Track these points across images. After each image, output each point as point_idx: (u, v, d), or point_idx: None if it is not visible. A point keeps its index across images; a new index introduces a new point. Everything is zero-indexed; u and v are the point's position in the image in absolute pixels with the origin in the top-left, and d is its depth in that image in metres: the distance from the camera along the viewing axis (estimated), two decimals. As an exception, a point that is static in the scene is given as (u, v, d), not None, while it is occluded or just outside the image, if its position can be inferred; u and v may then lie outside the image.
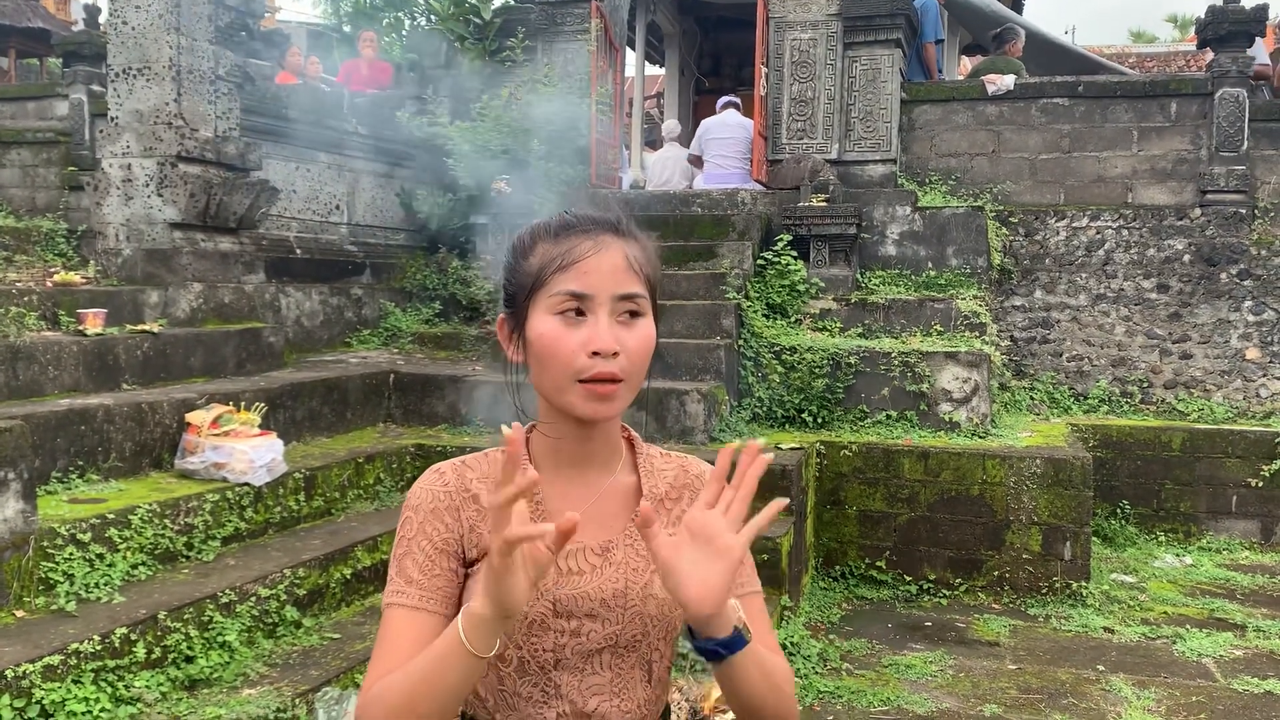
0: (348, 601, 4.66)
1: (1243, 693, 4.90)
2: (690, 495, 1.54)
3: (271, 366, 6.33)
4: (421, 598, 1.40)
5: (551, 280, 1.39)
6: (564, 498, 1.47)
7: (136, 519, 4.12)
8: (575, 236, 1.41)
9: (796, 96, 8.82)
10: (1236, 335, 8.37)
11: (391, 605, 1.41)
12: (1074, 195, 8.90)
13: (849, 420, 6.98)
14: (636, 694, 1.46)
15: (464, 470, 1.48)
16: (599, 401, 1.38)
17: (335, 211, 8.50)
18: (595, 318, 1.37)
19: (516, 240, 1.48)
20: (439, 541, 1.42)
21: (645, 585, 1.44)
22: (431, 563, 1.41)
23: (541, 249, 1.42)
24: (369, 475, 5.61)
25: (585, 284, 1.37)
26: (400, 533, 1.45)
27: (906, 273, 8.22)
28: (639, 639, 1.44)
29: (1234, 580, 6.75)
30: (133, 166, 6.08)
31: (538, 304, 1.40)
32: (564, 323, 1.37)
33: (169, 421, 4.92)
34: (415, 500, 1.46)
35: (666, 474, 1.56)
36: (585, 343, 1.36)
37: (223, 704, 3.57)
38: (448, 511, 1.44)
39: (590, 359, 1.36)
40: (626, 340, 1.38)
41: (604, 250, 1.39)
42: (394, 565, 1.44)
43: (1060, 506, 6.20)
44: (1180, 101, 8.67)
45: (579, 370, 1.36)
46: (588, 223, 1.43)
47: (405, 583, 1.41)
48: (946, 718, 4.60)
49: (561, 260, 1.39)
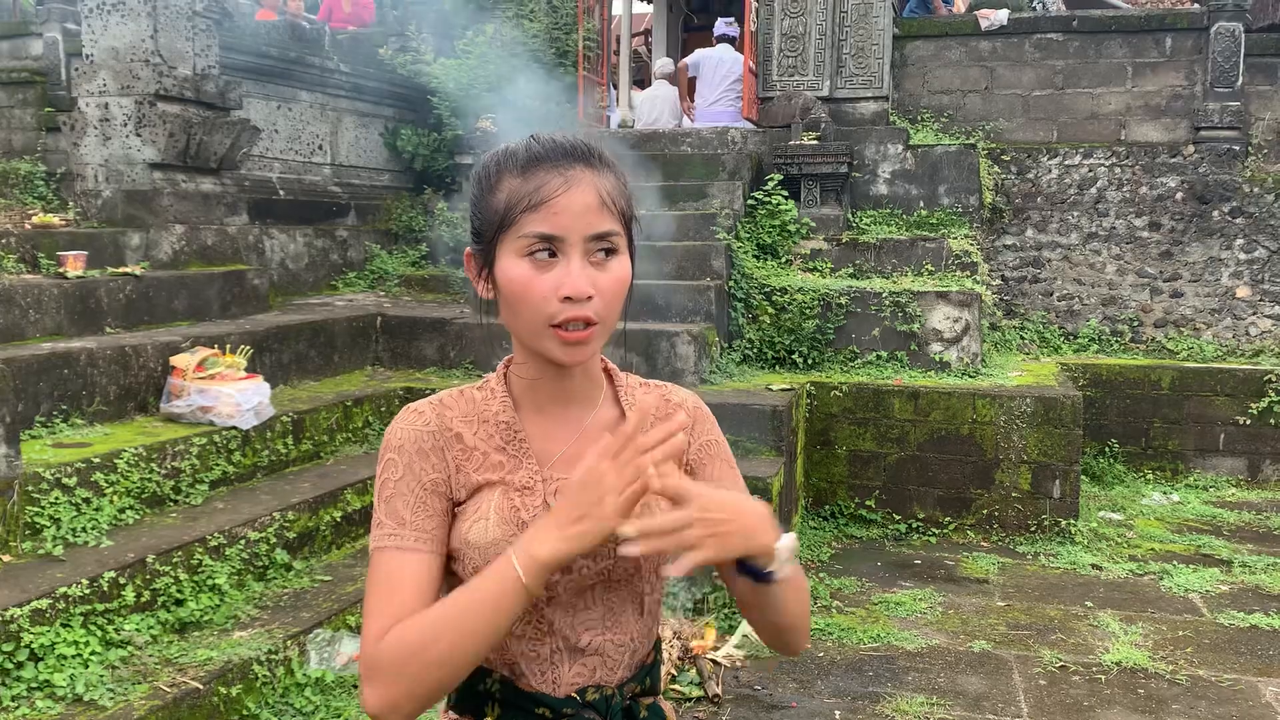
0: (338, 544, 4.65)
1: (1229, 627, 4.95)
2: None
3: (256, 309, 6.26)
4: (418, 539, 1.36)
5: (520, 220, 1.31)
6: (547, 436, 1.43)
7: (123, 463, 4.09)
8: (544, 171, 1.32)
9: (787, 32, 8.67)
10: (1227, 273, 8.35)
11: (384, 549, 1.36)
12: (1067, 133, 8.81)
13: (839, 361, 6.96)
14: (629, 626, 1.44)
15: (443, 409, 1.43)
16: (573, 347, 1.33)
17: (318, 152, 8.36)
18: (567, 260, 1.31)
19: (481, 170, 1.40)
20: (428, 482, 1.38)
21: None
22: (422, 503, 1.37)
23: (508, 184, 1.34)
24: (357, 418, 5.58)
25: (556, 225, 1.30)
26: (384, 474, 1.40)
27: (898, 212, 8.15)
28: (631, 573, 1.42)
29: (1221, 517, 6.80)
30: (110, 106, 5.94)
31: (505, 244, 1.33)
32: (534, 265, 1.31)
33: (153, 365, 4.86)
34: (398, 440, 1.40)
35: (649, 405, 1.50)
36: (557, 287, 1.30)
37: (214, 646, 3.57)
38: (433, 452, 1.39)
39: (563, 304, 1.30)
40: (600, 281, 1.32)
41: (574, 187, 1.31)
42: (381, 507, 1.39)
43: (1049, 445, 6.21)
44: (1175, 36, 8.56)
45: (551, 315, 1.31)
46: (557, 154, 1.34)
47: (397, 524, 1.36)
48: (936, 654, 4.63)
49: (529, 199, 1.31)
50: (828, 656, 4.57)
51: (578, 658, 1.41)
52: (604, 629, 1.41)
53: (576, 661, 1.41)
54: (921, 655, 4.62)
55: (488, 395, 1.45)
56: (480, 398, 1.45)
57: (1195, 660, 4.57)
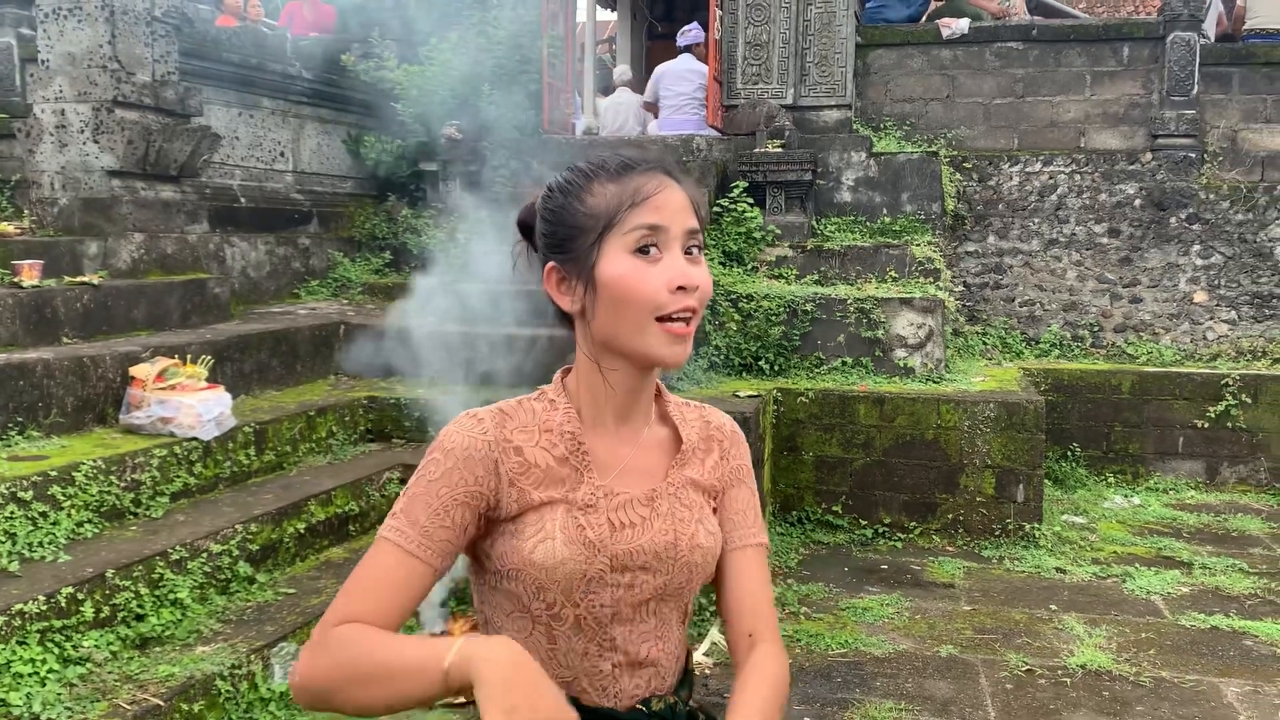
0: (302, 556, 4.59)
1: (1190, 628, 5.01)
2: (718, 446, 1.58)
3: (218, 319, 6.18)
4: (420, 545, 1.35)
5: (625, 217, 1.37)
6: (607, 449, 1.46)
7: (81, 476, 4.01)
8: (639, 175, 1.40)
9: (751, 40, 8.70)
10: (1185, 279, 8.47)
11: (387, 540, 1.36)
12: (1027, 140, 8.90)
13: (805, 367, 6.98)
14: (675, 635, 1.51)
15: (503, 419, 1.44)
16: (679, 343, 1.38)
17: (280, 159, 8.28)
18: (670, 253, 1.37)
19: (560, 184, 1.44)
20: (461, 492, 1.37)
21: (692, 535, 1.47)
22: (444, 512, 1.37)
23: (603, 189, 1.39)
24: (321, 428, 5.52)
25: (661, 216, 1.37)
26: (422, 470, 1.40)
27: (862, 219, 8.19)
28: (684, 586, 1.47)
29: (1180, 519, 6.89)
30: (66, 112, 5.84)
31: (610, 243, 1.37)
32: (642, 259, 1.36)
33: (112, 375, 4.78)
34: (450, 443, 1.40)
35: (694, 425, 1.58)
36: (667, 278, 1.35)
37: (176, 661, 3.51)
38: (482, 463, 1.39)
39: (673, 294, 1.35)
40: (698, 277, 1.38)
41: (668, 188, 1.39)
42: (404, 499, 1.39)
43: (1013, 449, 6.26)
44: (1132, 45, 8.68)
45: (661, 306, 1.35)
46: (644, 163, 1.42)
47: (408, 523, 1.36)
48: (904, 659, 4.65)
49: (634, 197, 1.37)
50: (796, 663, 4.57)
51: (636, 670, 1.45)
52: (657, 640, 1.47)
53: (635, 674, 1.45)
54: (889, 661, 4.63)
55: (548, 406, 1.47)
56: (540, 409, 1.47)
57: (1158, 662, 4.62)
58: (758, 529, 1.59)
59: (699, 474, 1.53)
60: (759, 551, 1.57)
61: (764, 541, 1.59)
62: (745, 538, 1.57)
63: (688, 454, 1.53)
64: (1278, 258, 8.33)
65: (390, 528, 1.37)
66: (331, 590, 4.25)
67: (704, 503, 1.52)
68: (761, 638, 1.54)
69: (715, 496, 1.56)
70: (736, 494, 1.58)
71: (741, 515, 1.58)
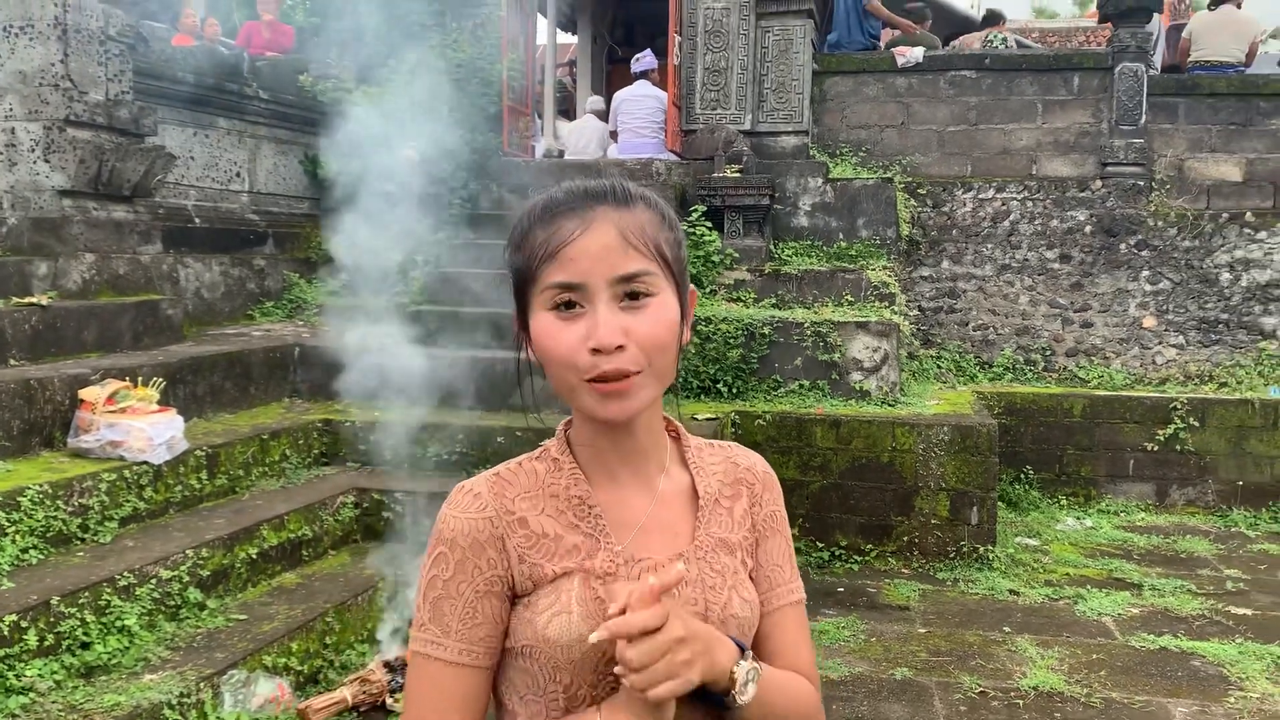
0: (254, 582, 4.53)
1: (1140, 649, 5.08)
2: (747, 491, 1.43)
3: (170, 340, 6.10)
4: (462, 651, 1.25)
5: (540, 272, 1.23)
6: (622, 505, 1.32)
7: (26, 500, 3.93)
8: (561, 217, 1.24)
9: (710, 66, 8.78)
10: (1134, 304, 8.64)
11: (427, 657, 1.26)
12: (981, 167, 9.05)
13: (763, 390, 7.02)
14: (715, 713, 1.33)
15: (502, 487, 1.31)
16: (612, 401, 1.22)
17: (235, 179, 8.21)
18: (593, 308, 1.21)
19: (512, 229, 1.31)
20: (481, 583, 1.26)
21: (725, 605, 1.32)
22: (473, 610, 1.26)
23: (531, 236, 1.25)
24: (274, 452, 5.46)
25: (574, 272, 1.21)
26: (432, 570, 1.27)
27: (818, 243, 8.28)
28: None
29: (1131, 541, 6.99)
30: (16, 131, 5.77)
31: (534, 299, 1.25)
32: (559, 318, 1.22)
33: (60, 398, 4.70)
34: (450, 532, 1.27)
35: (716, 470, 1.42)
36: (584, 339, 1.20)
37: (122, 690, 3.44)
38: (490, 544, 1.26)
39: (592, 357, 1.19)
40: (635, 327, 1.21)
41: (592, 228, 1.22)
42: (427, 607, 1.27)
43: (967, 472, 6.33)
44: (1082, 75, 8.87)
45: (583, 370, 1.20)
46: (576, 197, 1.26)
47: (442, 632, 1.25)
48: (859, 682, 4.67)
49: (546, 248, 1.22)
50: (753, 687, 4.56)
51: None
52: None
53: None
54: (845, 684, 4.65)
55: (551, 466, 1.33)
56: (543, 470, 1.33)
57: (1109, 683, 4.68)
58: (795, 584, 1.44)
59: (729, 531, 1.37)
60: (797, 610, 1.43)
61: (801, 597, 1.44)
62: (783, 596, 1.42)
63: (708, 507, 1.37)
64: (1223, 284, 8.52)
65: (422, 640, 1.27)
66: (283, 616, 4.20)
67: (737, 566, 1.36)
68: None
69: (750, 553, 1.40)
70: (772, 546, 1.43)
71: (778, 571, 1.42)
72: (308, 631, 4.15)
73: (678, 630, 1.15)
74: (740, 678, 1.23)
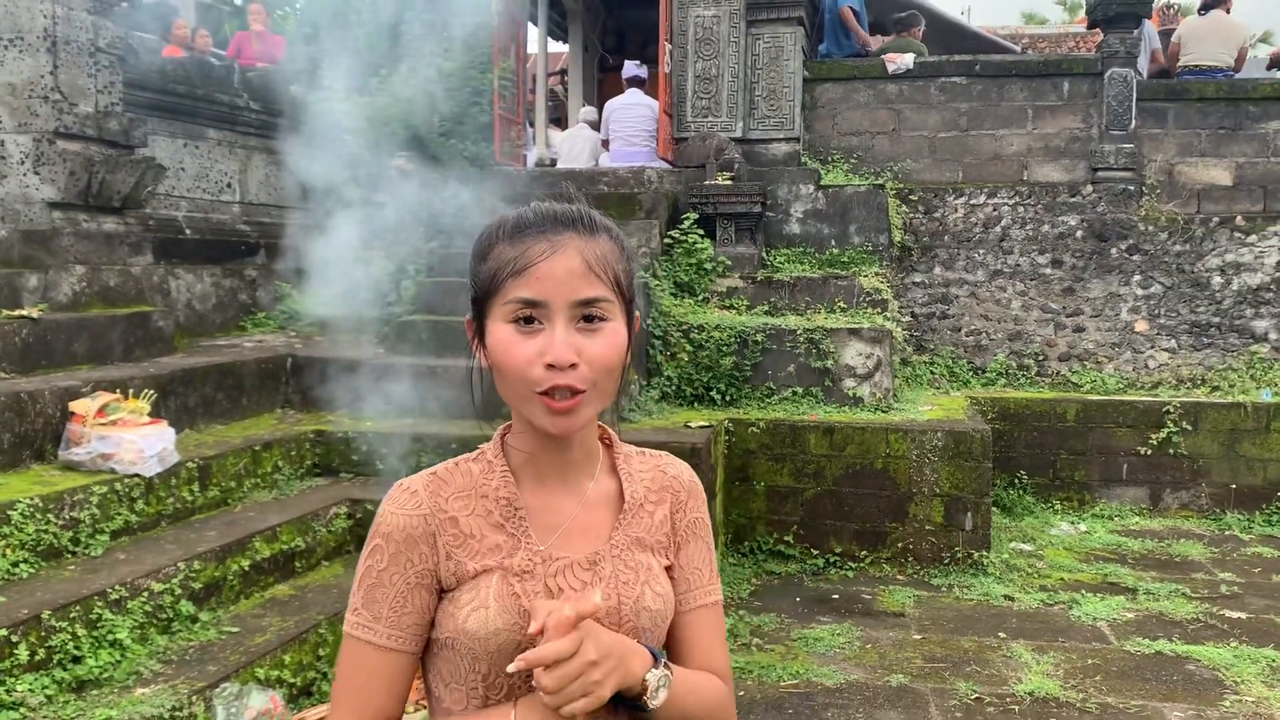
0: (246, 594, 4.51)
1: (1135, 654, 5.08)
2: (671, 497, 1.51)
3: (161, 352, 6.08)
4: (392, 636, 1.35)
5: (505, 286, 1.31)
6: (549, 509, 1.41)
7: (17, 514, 3.92)
8: (530, 238, 1.32)
9: (701, 74, 8.80)
10: (1126, 308, 8.65)
11: (357, 639, 1.36)
12: (972, 173, 9.07)
13: (756, 397, 7.02)
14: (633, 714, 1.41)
15: (438, 486, 1.40)
16: (559, 416, 1.31)
17: (227, 190, 8.20)
18: (551, 326, 1.30)
19: (477, 240, 1.39)
20: (413, 576, 1.36)
21: (637, 599, 1.40)
22: (404, 599, 1.35)
23: (497, 251, 1.34)
24: (267, 463, 5.44)
25: (539, 290, 1.30)
26: (368, 560, 1.37)
27: (811, 250, 8.29)
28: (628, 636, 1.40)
29: (1125, 545, 7.00)
30: (6, 143, 5.75)
31: (494, 310, 1.33)
32: (518, 331, 1.30)
33: (51, 411, 4.68)
34: (386, 527, 1.37)
35: (644, 476, 1.51)
36: (541, 353, 1.29)
37: (113, 704, 3.42)
38: (423, 540, 1.36)
39: (546, 371, 1.28)
40: (587, 349, 1.30)
41: (559, 252, 1.31)
42: (360, 592, 1.37)
43: (961, 478, 6.33)
44: (1072, 81, 8.89)
45: (535, 382, 1.29)
46: (545, 221, 1.34)
47: (373, 618, 1.35)
48: (855, 689, 4.66)
49: (514, 265, 1.31)
50: (748, 695, 4.56)
51: None
52: (609, 712, 1.35)
53: None
54: (841, 691, 4.64)
55: (485, 468, 1.42)
56: (478, 470, 1.42)
57: (1104, 688, 4.67)
58: (712, 586, 1.52)
59: (646, 532, 1.46)
60: (713, 611, 1.51)
61: (718, 599, 1.52)
62: (699, 598, 1.50)
63: (632, 510, 1.46)
64: (1214, 287, 8.55)
65: (354, 622, 1.36)
66: (276, 628, 4.18)
67: (652, 562, 1.45)
68: None
69: (668, 553, 1.49)
70: (693, 550, 1.51)
71: (696, 574, 1.50)
72: (300, 643, 4.13)
73: (590, 654, 1.22)
74: (651, 685, 1.31)
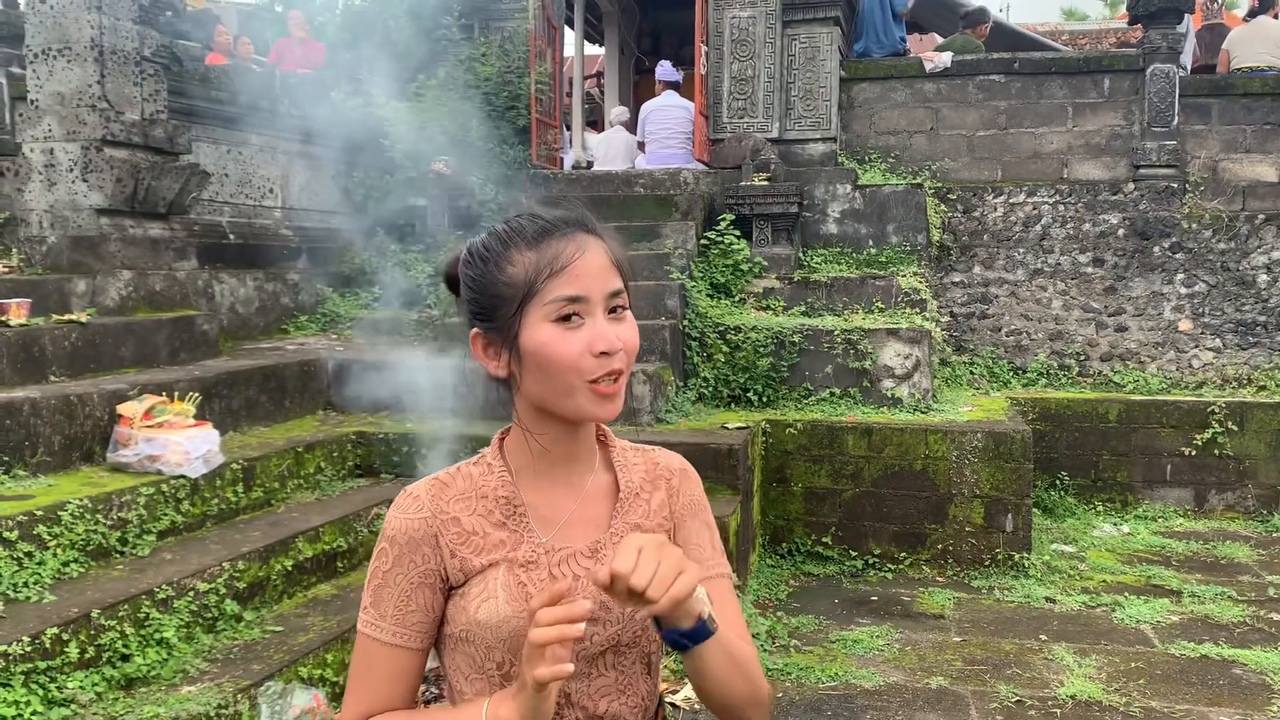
0: (289, 593, 4.57)
1: (1180, 657, 5.01)
2: (665, 484, 1.56)
3: (206, 355, 6.18)
4: (396, 633, 1.43)
5: (545, 288, 1.36)
6: (550, 504, 1.47)
7: (67, 515, 4.00)
8: (556, 240, 1.39)
9: (737, 75, 8.80)
10: (1169, 307, 8.54)
11: (367, 636, 1.44)
12: (1011, 171, 8.99)
13: (794, 398, 7.00)
14: (639, 688, 1.49)
15: (440, 490, 1.46)
16: (609, 401, 1.38)
17: (269, 195, 8.32)
18: (593, 319, 1.37)
19: (479, 251, 1.43)
20: (415, 576, 1.43)
21: None
22: (407, 599, 1.43)
23: (522, 257, 1.39)
24: (309, 464, 5.51)
25: (580, 286, 1.37)
26: (375, 562, 1.45)
27: (848, 250, 8.26)
28: (639, 636, 1.46)
29: (1169, 547, 6.90)
30: (55, 151, 5.87)
31: (532, 313, 1.37)
32: (565, 329, 1.36)
33: (100, 414, 4.77)
34: (391, 531, 1.44)
35: (638, 468, 1.56)
36: (590, 344, 1.36)
37: (161, 702, 3.48)
38: (425, 542, 1.43)
39: (598, 359, 1.36)
40: (623, 335, 1.39)
41: (588, 251, 1.39)
42: (370, 592, 1.45)
43: (1001, 479, 6.28)
44: (1113, 78, 8.79)
45: (587, 372, 1.36)
46: (562, 224, 1.41)
47: (379, 616, 1.44)
48: (894, 691, 4.64)
49: (552, 266, 1.37)
50: (786, 697, 4.55)
51: None
52: (618, 693, 1.46)
53: None
54: (879, 693, 4.62)
55: (484, 470, 1.48)
56: (478, 474, 1.48)
57: (1148, 692, 4.62)
58: (718, 560, 1.55)
59: (643, 518, 1.51)
60: (723, 583, 1.53)
61: (726, 572, 1.55)
62: (707, 570, 1.52)
63: (628, 499, 1.51)
64: (1260, 285, 8.41)
65: (365, 621, 1.44)
66: (319, 627, 4.23)
67: None
68: None
69: (668, 534, 1.53)
70: (690, 527, 1.56)
71: (698, 549, 1.54)
72: (343, 642, 4.18)
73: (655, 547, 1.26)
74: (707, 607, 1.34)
